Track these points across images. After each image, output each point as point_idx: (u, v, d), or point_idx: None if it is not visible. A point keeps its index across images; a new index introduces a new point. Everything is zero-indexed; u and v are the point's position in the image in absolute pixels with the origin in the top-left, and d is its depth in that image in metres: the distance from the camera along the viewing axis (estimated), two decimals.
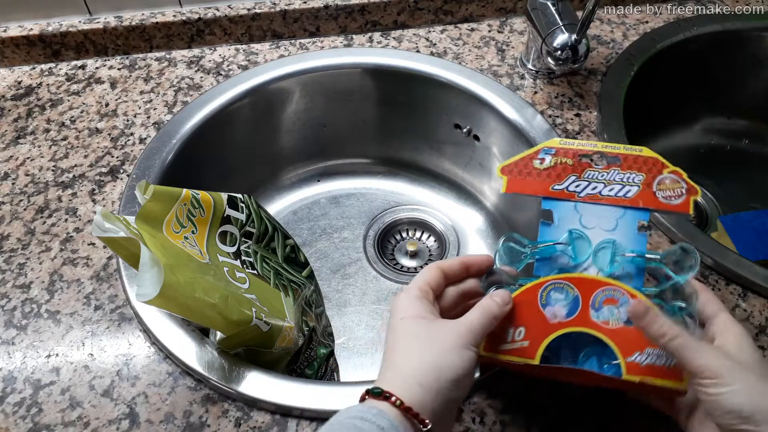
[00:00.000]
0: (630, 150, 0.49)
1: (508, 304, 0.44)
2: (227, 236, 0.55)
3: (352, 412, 0.37)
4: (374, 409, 0.36)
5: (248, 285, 0.53)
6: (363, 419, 0.36)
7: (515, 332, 0.44)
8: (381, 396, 0.38)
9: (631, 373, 0.42)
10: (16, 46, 0.79)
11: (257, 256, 0.57)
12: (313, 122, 0.84)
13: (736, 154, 0.90)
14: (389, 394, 0.38)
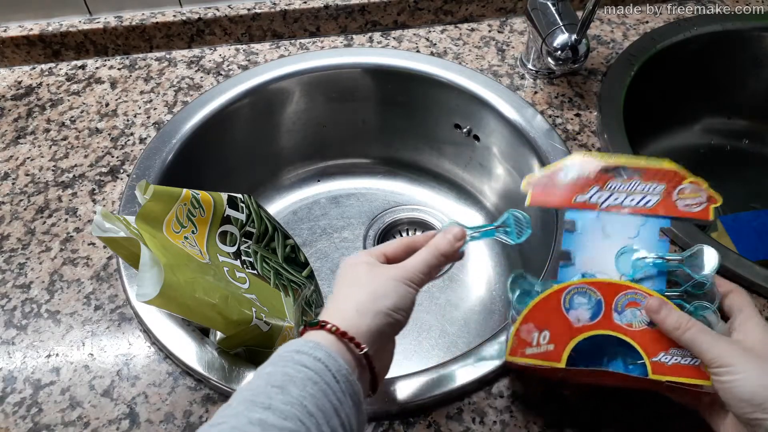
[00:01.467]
0: (652, 162, 0.50)
1: (460, 240, 0.45)
2: (227, 236, 0.55)
3: (291, 346, 0.37)
4: (311, 342, 0.37)
5: (248, 285, 0.53)
6: (300, 352, 0.37)
7: (540, 336, 0.45)
8: (317, 325, 0.39)
9: (658, 372, 0.43)
10: (16, 46, 0.79)
11: (257, 256, 0.57)
12: (313, 122, 0.84)
13: (736, 154, 0.90)
14: (325, 323, 0.39)
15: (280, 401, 0.33)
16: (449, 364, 0.52)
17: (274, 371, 0.36)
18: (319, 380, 0.35)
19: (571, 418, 0.49)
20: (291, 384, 0.34)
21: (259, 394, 0.34)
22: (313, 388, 0.35)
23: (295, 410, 0.33)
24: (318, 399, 0.34)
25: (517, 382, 0.51)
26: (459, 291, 0.79)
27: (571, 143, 0.70)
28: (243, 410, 0.33)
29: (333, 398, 0.35)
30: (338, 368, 0.36)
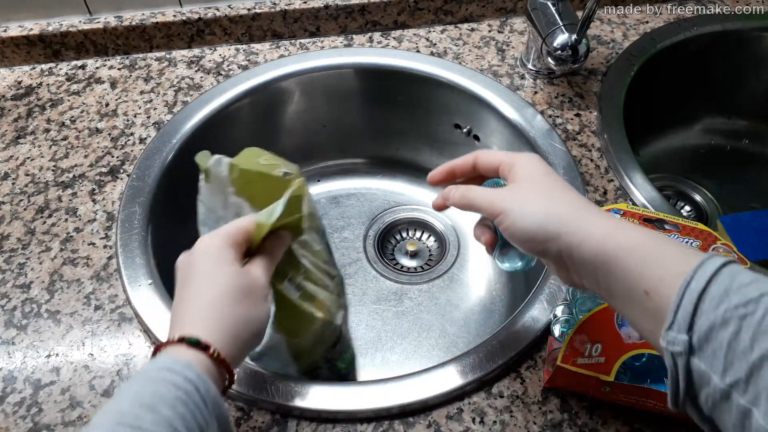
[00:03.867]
0: (687, 222, 0.53)
1: (287, 242, 0.47)
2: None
3: (160, 364, 0.37)
4: (182, 361, 0.37)
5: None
6: (171, 370, 0.36)
7: (592, 348, 0.46)
8: (199, 346, 0.38)
9: None
10: (16, 46, 0.79)
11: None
12: (313, 122, 0.84)
13: (736, 154, 0.90)
14: (207, 345, 0.38)
15: (149, 422, 0.33)
16: (449, 364, 0.52)
17: (142, 390, 0.35)
18: (189, 401, 0.35)
19: (571, 418, 0.49)
20: (161, 404, 0.34)
21: (126, 415, 0.34)
22: (182, 409, 0.35)
23: (165, 431, 0.33)
24: (187, 420, 0.34)
25: (516, 383, 0.52)
26: (459, 291, 0.78)
27: (571, 143, 0.70)
28: (110, 429, 0.33)
29: (200, 419, 0.35)
30: (207, 389, 0.36)
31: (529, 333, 0.53)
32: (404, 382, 0.51)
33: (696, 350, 0.31)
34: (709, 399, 0.31)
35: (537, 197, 0.40)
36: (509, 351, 0.52)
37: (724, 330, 0.30)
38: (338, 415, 0.50)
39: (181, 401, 0.35)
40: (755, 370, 0.29)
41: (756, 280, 0.31)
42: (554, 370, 0.47)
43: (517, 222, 0.39)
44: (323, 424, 0.50)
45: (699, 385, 0.31)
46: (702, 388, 0.31)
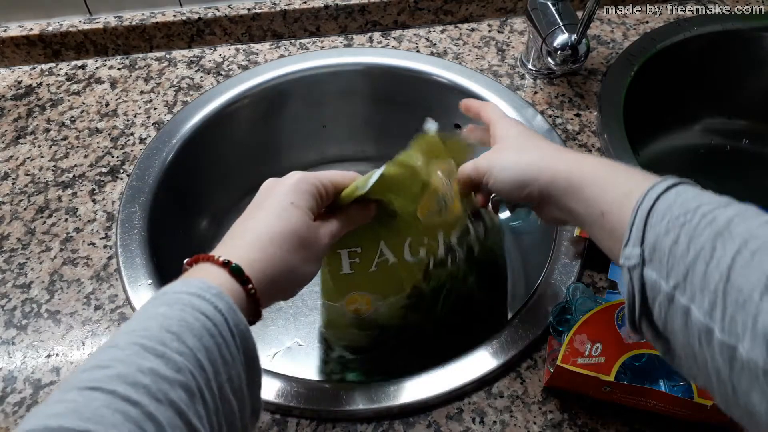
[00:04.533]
0: None
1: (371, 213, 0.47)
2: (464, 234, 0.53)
3: (190, 288, 0.35)
4: (214, 288, 0.35)
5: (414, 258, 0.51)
6: (200, 297, 0.35)
7: (593, 348, 0.47)
8: (240, 277, 0.37)
9: (703, 396, 0.44)
10: (16, 46, 0.79)
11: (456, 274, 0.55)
12: (313, 122, 0.84)
13: (736, 154, 0.90)
14: (247, 279, 0.37)
15: (174, 350, 0.32)
16: (449, 363, 0.52)
17: (170, 314, 0.34)
18: (216, 333, 0.34)
19: (571, 418, 0.49)
20: (188, 332, 0.33)
21: (151, 339, 0.32)
22: (208, 341, 0.33)
23: (188, 362, 0.32)
24: (211, 352, 0.33)
25: (516, 383, 0.52)
26: None
27: (571, 143, 0.70)
28: (132, 355, 0.31)
29: (226, 353, 0.34)
30: (237, 322, 0.35)
31: (529, 333, 0.53)
32: (404, 381, 0.51)
33: (647, 261, 0.35)
34: (662, 309, 0.34)
35: (512, 153, 0.46)
36: (509, 351, 0.52)
37: (666, 238, 0.34)
38: (338, 415, 0.50)
39: (209, 332, 0.34)
40: (690, 269, 0.32)
41: (697, 195, 0.35)
42: (554, 370, 0.47)
43: (498, 177, 0.46)
44: (323, 424, 0.50)
45: (652, 295, 0.35)
46: (655, 298, 0.34)
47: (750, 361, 0.28)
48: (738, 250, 0.30)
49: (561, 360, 0.46)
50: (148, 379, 0.30)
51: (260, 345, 0.77)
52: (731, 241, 0.31)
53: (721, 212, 0.33)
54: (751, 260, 0.30)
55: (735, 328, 0.29)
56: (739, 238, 0.31)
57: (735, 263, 0.30)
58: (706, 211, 0.33)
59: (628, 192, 0.38)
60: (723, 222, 0.32)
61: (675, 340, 0.34)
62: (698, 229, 0.33)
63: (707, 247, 0.32)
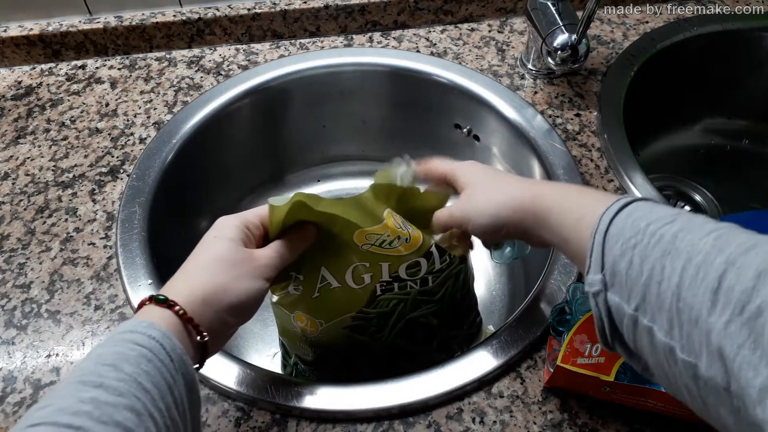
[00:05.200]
0: None
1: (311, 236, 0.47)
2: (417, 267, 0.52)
3: (123, 327, 0.37)
4: (144, 322, 0.37)
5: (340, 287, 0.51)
6: (133, 332, 0.36)
7: (593, 348, 0.46)
8: (165, 303, 0.39)
9: None
10: (16, 46, 0.79)
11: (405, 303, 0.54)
12: (313, 122, 0.84)
13: (736, 154, 0.90)
14: (173, 303, 0.39)
15: (112, 378, 0.33)
16: (449, 363, 0.52)
17: (104, 351, 0.35)
18: (153, 357, 0.35)
19: (571, 418, 0.49)
20: (124, 362, 0.34)
21: (88, 374, 0.33)
22: (147, 365, 0.34)
23: (129, 387, 0.32)
24: (153, 376, 0.34)
25: (515, 383, 0.52)
26: None
27: (571, 143, 0.70)
28: (71, 391, 0.32)
29: (167, 376, 0.35)
30: (172, 347, 0.36)
31: (529, 333, 0.53)
32: (404, 382, 0.51)
33: (609, 286, 0.35)
34: (629, 330, 0.34)
35: (482, 198, 0.47)
36: (509, 351, 0.52)
37: (622, 261, 0.34)
38: (338, 415, 0.50)
39: (146, 358, 0.34)
40: (646, 290, 0.32)
41: (647, 213, 0.35)
42: (554, 370, 0.47)
43: (476, 223, 0.47)
44: (323, 424, 0.50)
45: (618, 319, 0.35)
46: (622, 321, 0.34)
47: (710, 379, 0.29)
48: (684, 267, 0.31)
49: (561, 360, 0.46)
50: (89, 406, 0.31)
51: (260, 345, 0.78)
52: (677, 258, 0.31)
53: (667, 229, 0.33)
54: (696, 276, 0.30)
55: (693, 345, 0.30)
56: (684, 254, 0.31)
57: (683, 280, 0.30)
58: (654, 230, 0.33)
59: (580, 217, 0.39)
60: (669, 238, 0.32)
61: (647, 359, 0.34)
62: (648, 249, 0.33)
63: (657, 267, 0.32)
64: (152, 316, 0.38)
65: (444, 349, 0.59)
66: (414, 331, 0.57)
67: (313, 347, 0.56)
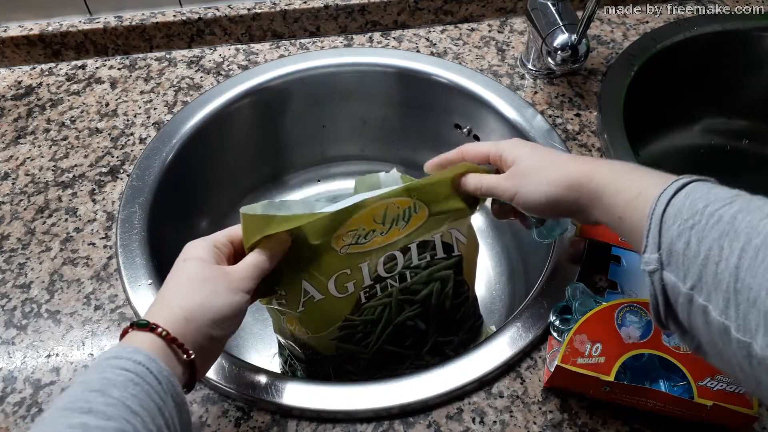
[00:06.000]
0: None
1: (284, 244, 0.46)
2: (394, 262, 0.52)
3: (107, 354, 0.37)
4: (129, 347, 0.37)
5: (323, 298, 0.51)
6: (118, 357, 0.36)
7: (593, 348, 0.47)
8: (147, 327, 0.39)
9: (703, 396, 0.44)
10: (16, 46, 0.79)
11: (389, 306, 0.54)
12: (313, 122, 0.84)
13: (736, 154, 0.90)
14: (155, 326, 0.39)
15: (101, 403, 0.33)
16: (449, 363, 0.52)
17: (90, 378, 0.35)
18: (141, 381, 0.35)
19: (571, 418, 0.49)
20: (111, 387, 0.34)
21: (76, 401, 0.33)
22: (134, 389, 0.34)
23: (118, 410, 0.33)
24: (141, 399, 0.34)
25: (515, 384, 0.52)
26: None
27: (571, 143, 0.70)
28: (58, 417, 0.32)
29: (156, 398, 0.35)
30: (159, 370, 0.36)
31: (529, 333, 0.53)
32: (404, 382, 0.51)
33: (665, 265, 0.36)
34: (684, 309, 0.35)
35: (537, 174, 0.46)
36: (509, 351, 0.52)
37: (679, 241, 0.35)
38: (338, 415, 0.50)
39: (133, 382, 0.34)
40: (702, 270, 0.33)
41: (705, 194, 0.35)
42: (554, 370, 0.47)
43: (530, 198, 0.46)
44: (323, 424, 0.50)
45: (673, 297, 0.35)
46: (677, 300, 0.35)
47: (765, 358, 0.29)
48: (743, 248, 0.31)
49: (561, 360, 0.46)
50: (79, 431, 0.31)
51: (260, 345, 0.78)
52: (736, 240, 0.32)
53: (726, 210, 0.33)
54: (755, 257, 0.30)
55: (749, 325, 0.30)
56: (743, 236, 0.31)
57: (741, 262, 0.31)
58: (712, 211, 0.34)
59: (636, 195, 0.39)
60: (728, 219, 0.33)
61: (701, 338, 0.35)
62: (706, 230, 0.33)
63: (715, 247, 0.32)
64: (136, 341, 0.38)
65: (437, 354, 0.59)
66: (403, 336, 0.57)
67: (303, 348, 0.56)
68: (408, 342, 0.57)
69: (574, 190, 0.44)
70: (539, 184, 0.45)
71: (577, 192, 0.43)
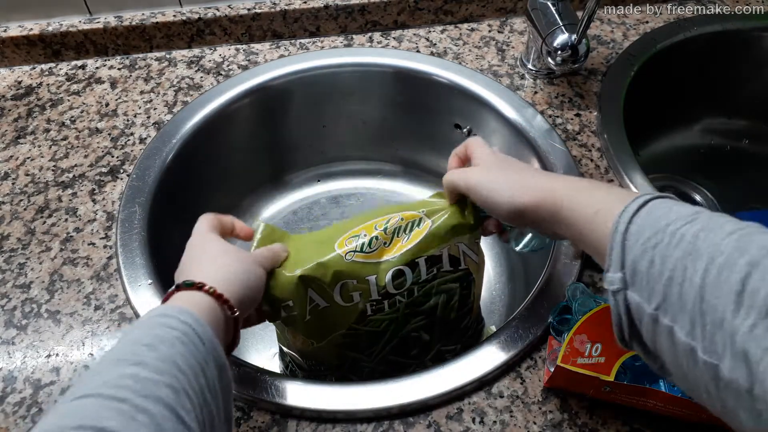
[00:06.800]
0: None
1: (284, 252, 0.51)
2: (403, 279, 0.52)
3: (156, 311, 0.38)
4: (176, 307, 0.38)
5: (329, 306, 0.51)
6: (166, 315, 0.37)
7: (593, 348, 0.47)
8: (194, 286, 0.40)
9: None
10: (16, 46, 0.79)
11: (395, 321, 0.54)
12: (313, 122, 0.84)
13: (736, 154, 0.90)
14: (202, 284, 0.40)
15: (151, 357, 0.34)
16: (449, 364, 0.52)
17: (139, 333, 0.36)
18: (187, 341, 0.36)
19: (571, 418, 0.49)
20: (160, 343, 0.35)
21: (126, 354, 0.34)
22: (182, 348, 0.35)
23: (167, 366, 0.34)
24: (187, 358, 0.35)
25: (515, 384, 0.52)
26: None
27: (571, 143, 0.70)
28: (112, 368, 0.33)
29: (201, 359, 0.36)
30: (204, 331, 0.37)
31: (529, 333, 0.53)
32: (404, 382, 0.51)
33: (629, 284, 0.35)
34: (648, 329, 0.34)
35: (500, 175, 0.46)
36: (509, 351, 0.52)
37: (642, 260, 0.34)
38: (338, 415, 0.50)
39: (180, 341, 0.36)
40: (667, 290, 0.32)
41: (666, 212, 0.35)
42: (554, 370, 0.47)
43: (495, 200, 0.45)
44: (323, 424, 0.50)
45: (638, 317, 0.35)
46: (642, 320, 0.35)
47: (732, 381, 0.29)
48: (706, 268, 0.31)
49: (561, 360, 0.46)
50: (131, 381, 0.32)
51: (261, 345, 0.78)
52: (699, 259, 0.31)
53: (688, 228, 0.33)
54: (718, 277, 0.30)
55: (715, 347, 0.30)
56: (705, 255, 0.31)
57: (706, 281, 0.30)
58: (674, 230, 0.34)
59: (594, 213, 0.39)
60: (690, 238, 0.32)
61: (665, 358, 0.34)
62: (669, 249, 0.33)
63: (679, 267, 0.32)
64: (183, 301, 0.39)
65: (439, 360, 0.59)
66: (407, 346, 0.57)
67: (306, 358, 0.56)
68: (412, 352, 0.57)
69: (533, 202, 0.43)
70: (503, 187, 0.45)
71: (535, 204, 0.43)
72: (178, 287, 0.41)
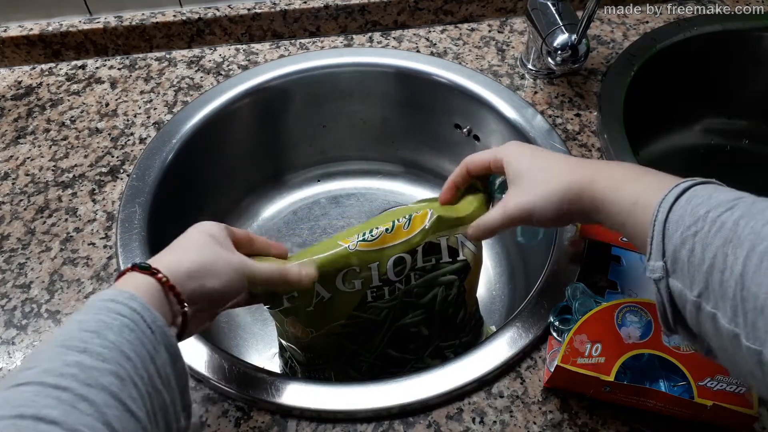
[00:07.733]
0: None
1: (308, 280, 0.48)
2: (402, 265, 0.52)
3: (104, 296, 0.37)
4: (126, 293, 0.37)
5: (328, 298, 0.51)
6: (114, 301, 0.36)
7: (593, 348, 0.47)
8: (148, 271, 0.39)
9: (703, 396, 0.44)
10: (16, 46, 0.79)
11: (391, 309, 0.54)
12: (313, 122, 0.84)
13: (736, 154, 0.90)
14: (156, 270, 0.39)
15: (96, 345, 0.33)
16: (449, 364, 0.52)
17: (86, 318, 0.35)
18: (135, 328, 0.35)
19: (571, 418, 0.49)
20: (107, 330, 0.34)
21: (71, 339, 0.34)
22: (129, 335, 0.35)
23: (112, 353, 0.33)
24: (135, 345, 0.35)
25: (515, 384, 0.52)
26: None
27: (571, 143, 0.70)
28: (55, 354, 0.32)
29: (149, 346, 0.35)
30: (153, 319, 0.36)
31: (529, 333, 0.53)
32: (404, 382, 0.51)
33: (671, 272, 0.35)
34: (692, 315, 0.34)
35: (542, 187, 0.45)
36: (509, 351, 0.52)
37: (683, 249, 0.34)
38: (338, 415, 0.50)
39: (128, 328, 0.35)
40: (708, 278, 0.33)
41: (706, 199, 0.35)
42: (554, 370, 0.47)
43: (542, 215, 0.45)
44: (323, 424, 0.50)
45: (681, 304, 0.35)
46: (684, 306, 0.35)
47: None
48: (747, 256, 0.31)
49: (561, 360, 0.46)
50: (74, 369, 0.31)
51: (260, 345, 0.78)
52: (740, 247, 0.31)
53: (728, 215, 0.33)
54: (759, 265, 0.30)
55: (758, 333, 0.30)
56: (746, 242, 0.31)
57: (746, 269, 0.31)
58: (714, 217, 0.34)
59: (634, 202, 0.39)
60: (730, 226, 0.33)
61: (711, 343, 0.35)
62: (709, 237, 0.33)
63: (719, 255, 0.32)
64: (132, 285, 0.38)
65: (437, 356, 0.59)
66: (406, 341, 0.57)
67: (305, 351, 0.56)
68: (411, 346, 0.57)
69: (576, 200, 0.43)
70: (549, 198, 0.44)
71: (579, 201, 0.43)
72: (133, 267, 0.40)
